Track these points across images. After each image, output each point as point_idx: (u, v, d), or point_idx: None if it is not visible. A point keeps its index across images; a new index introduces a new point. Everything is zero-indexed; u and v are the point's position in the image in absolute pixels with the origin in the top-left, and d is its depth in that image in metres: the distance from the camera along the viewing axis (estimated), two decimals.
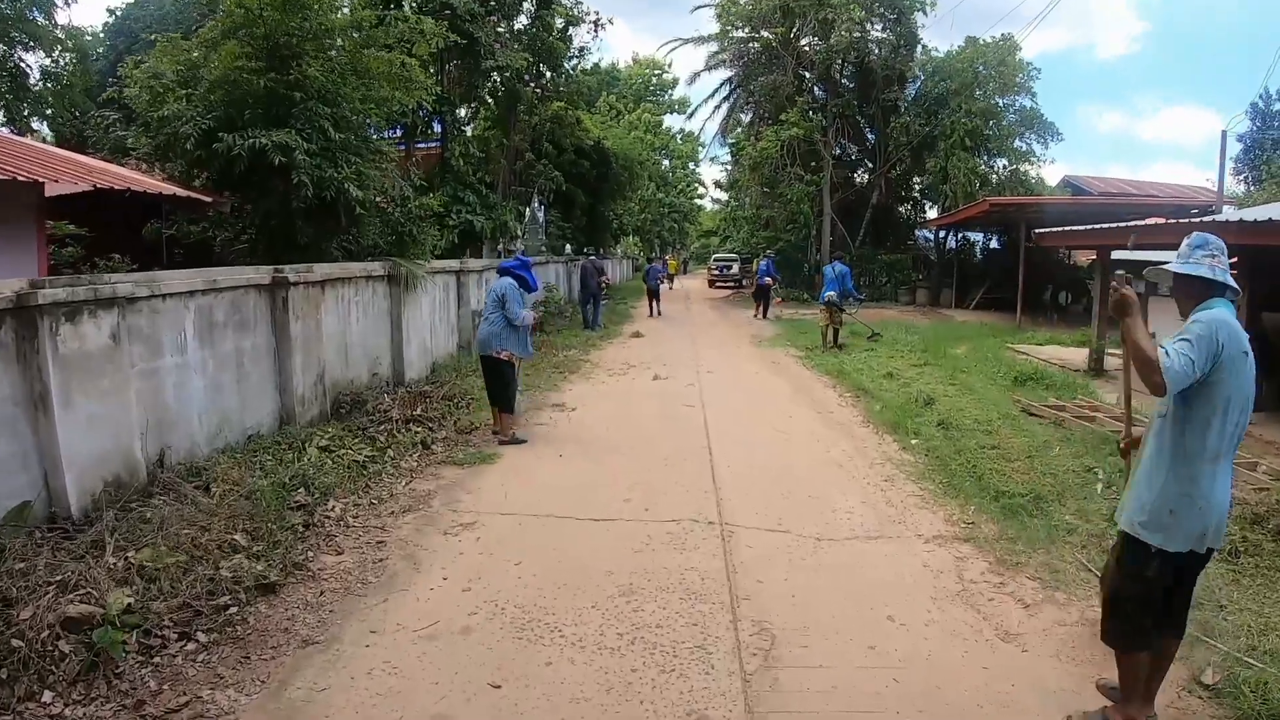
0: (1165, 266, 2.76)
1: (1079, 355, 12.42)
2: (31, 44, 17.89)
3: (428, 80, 9.82)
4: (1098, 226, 11.86)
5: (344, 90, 7.97)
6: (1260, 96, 26.15)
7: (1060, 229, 12.85)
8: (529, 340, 7.35)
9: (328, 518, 4.83)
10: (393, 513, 5.00)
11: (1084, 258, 25.30)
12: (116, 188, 8.14)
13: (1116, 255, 12.64)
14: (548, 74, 19.18)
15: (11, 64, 17.86)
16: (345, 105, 8.02)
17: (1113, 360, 11.14)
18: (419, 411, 7.13)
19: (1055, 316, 18.05)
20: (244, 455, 5.70)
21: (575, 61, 20.56)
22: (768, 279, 20.42)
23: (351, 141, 8.14)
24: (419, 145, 16.68)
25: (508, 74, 15.33)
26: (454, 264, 11.31)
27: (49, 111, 20.13)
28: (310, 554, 4.32)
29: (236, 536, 4.33)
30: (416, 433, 6.67)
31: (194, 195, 8.64)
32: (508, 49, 14.02)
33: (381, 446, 6.26)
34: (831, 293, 12.99)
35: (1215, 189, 20.48)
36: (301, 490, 5.07)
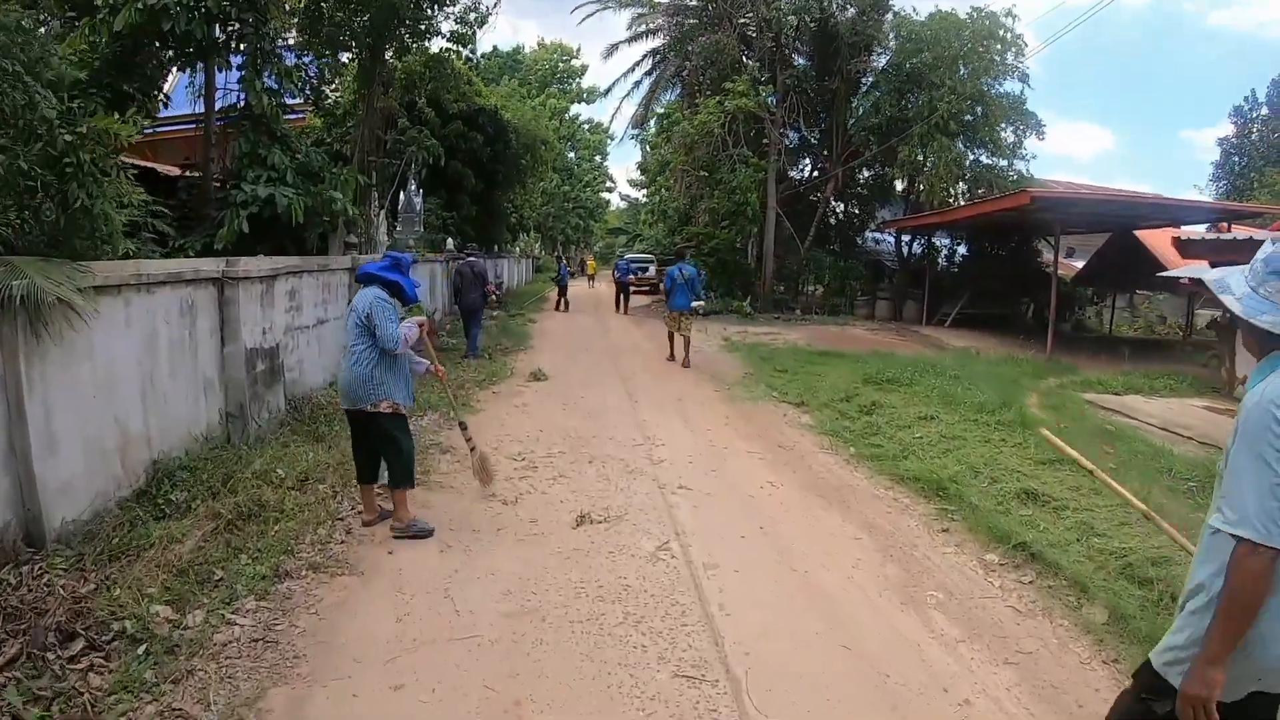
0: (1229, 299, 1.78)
1: (1200, 418, 8.77)
2: None
3: None
4: None
5: None
6: (1245, 99, 23.51)
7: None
8: (410, 379, 4.74)
9: None
10: None
11: (1064, 269, 22.38)
12: None
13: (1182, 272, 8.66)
14: (427, 6, 13.46)
15: None
16: None
17: None
18: None
19: (1130, 353, 14.53)
20: None
21: None
22: (630, 277, 23.22)
23: None
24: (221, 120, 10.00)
25: None
26: (205, 266, 5.39)
27: None
28: None
29: None
30: None
31: None
32: None
33: None
34: (694, 300, 12.01)
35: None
36: None
